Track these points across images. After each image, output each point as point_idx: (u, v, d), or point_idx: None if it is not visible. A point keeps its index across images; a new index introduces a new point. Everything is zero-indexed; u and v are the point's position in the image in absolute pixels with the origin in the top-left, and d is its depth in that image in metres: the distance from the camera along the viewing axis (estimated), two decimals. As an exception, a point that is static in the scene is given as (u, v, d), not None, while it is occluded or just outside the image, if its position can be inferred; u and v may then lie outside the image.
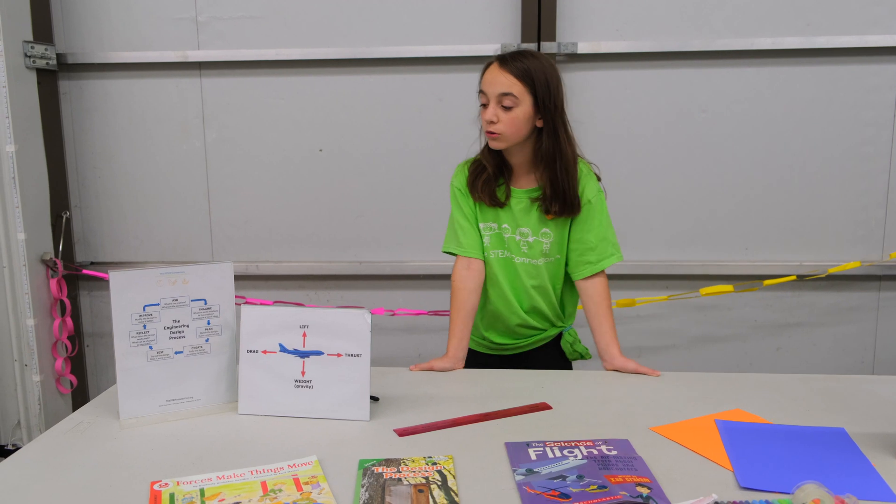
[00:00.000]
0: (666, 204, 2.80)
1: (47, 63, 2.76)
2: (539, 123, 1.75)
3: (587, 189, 1.82)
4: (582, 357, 1.98)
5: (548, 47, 2.66)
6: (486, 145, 1.82)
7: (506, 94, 1.70)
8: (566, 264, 1.90)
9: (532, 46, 2.66)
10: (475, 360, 1.93)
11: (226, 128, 2.88)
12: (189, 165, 2.92)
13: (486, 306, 1.94)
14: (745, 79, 2.69)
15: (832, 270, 2.68)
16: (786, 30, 2.64)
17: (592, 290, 1.87)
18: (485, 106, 1.74)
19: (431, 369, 1.80)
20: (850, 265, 2.67)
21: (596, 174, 1.87)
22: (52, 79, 2.83)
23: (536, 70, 1.71)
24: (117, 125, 2.91)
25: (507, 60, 1.72)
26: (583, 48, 2.68)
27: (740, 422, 1.46)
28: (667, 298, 2.75)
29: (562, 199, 1.78)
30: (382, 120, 2.81)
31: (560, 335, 1.99)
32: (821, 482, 1.10)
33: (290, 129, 2.87)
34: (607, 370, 1.81)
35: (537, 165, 1.80)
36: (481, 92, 1.75)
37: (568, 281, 1.94)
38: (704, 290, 2.63)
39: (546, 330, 1.96)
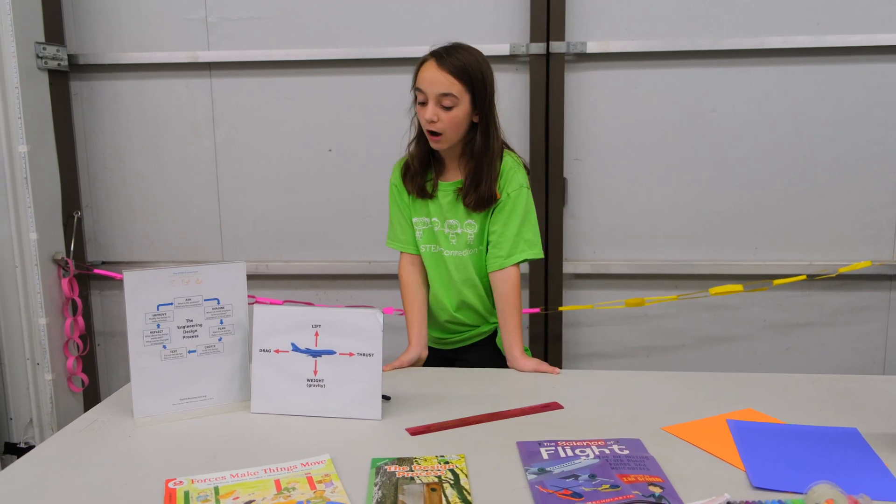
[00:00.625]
0: (675, 203, 2.79)
1: (59, 64, 2.77)
2: (475, 119, 1.78)
3: (509, 183, 1.83)
4: None
5: (557, 47, 2.66)
6: (416, 139, 1.87)
7: (446, 95, 1.71)
8: None
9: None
10: None
11: (235, 128, 2.89)
12: (199, 165, 2.93)
13: (430, 297, 1.98)
14: (754, 78, 2.69)
15: (842, 270, 2.68)
16: (795, 29, 2.64)
17: (501, 286, 1.87)
18: (422, 104, 1.75)
19: (402, 365, 1.84)
20: (860, 265, 2.66)
21: (525, 167, 1.90)
22: (64, 80, 2.85)
23: (473, 67, 1.73)
24: (128, 125, 2.92)
25: (443, 58, 1.72)
26: (592, 48, 2.68)
27: (752, 421, 1.47)
28: (676, 298, 2.74)
29: (476, 191, 1.80)
30: (391, 120, 2.80)
31: (496, 332, 1.99)
32: (834, 482, 1.10)
33: (300, 129, 2.87)
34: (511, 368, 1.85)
35: (466, 159, 1.84)
36: (418, 89, 1.75)
37: None
38: (714, 290, 2.63)
39: (479, 326, 1.98)
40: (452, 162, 1.86)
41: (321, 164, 2.88)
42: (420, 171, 1.87)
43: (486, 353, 1.99)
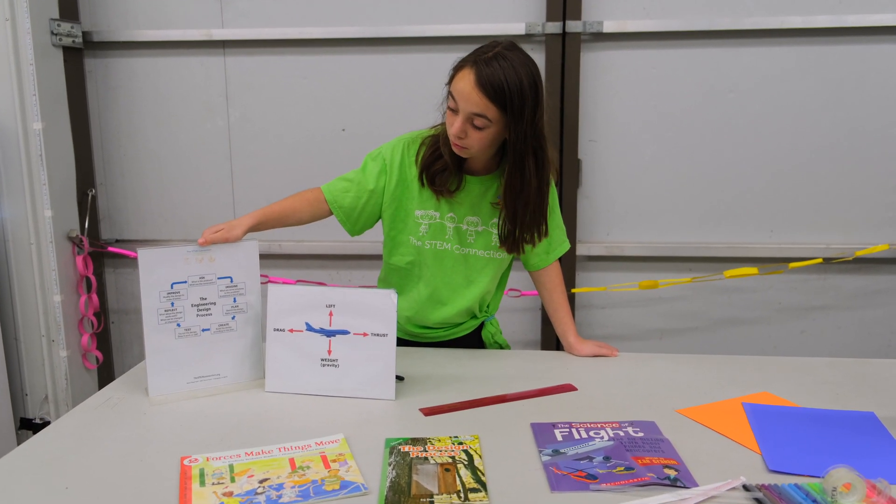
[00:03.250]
0: (691, 185, 2.77)
1: (73, 41, 2.76)
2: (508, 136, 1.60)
3: None
4: (501, 348, 1.92)
5: (573, 26, 2.63)
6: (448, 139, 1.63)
7: (478, 115, 1.53)
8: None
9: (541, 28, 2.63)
10: None
11: (249, 107, 2.88)
12: (212, 144, 2.93)
13: (410, 297, 1.81)
14: (773, 58, 2.65)
15: (860, 253, 2.65)
16: (816, 8, 2.59)
17: (546, 280, 1.85)
18: (453, 111, 1.56)
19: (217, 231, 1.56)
20: (878, 248, 2.64)
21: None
22: (78, 57, 2.84)
23: (513, 87, 1.50)
24: (142, 103, 2.91)
25: (482, 74, 1.50)
26: (608, 27, 2.64)
27: (768, 405, 1.46)
28: (691, 280, 2.73)
29: (512, 237, 1.68)
30: (405, 99, 2.80)
31: (481, 325, 1.91)
32: (851, 466, 1.09)
33: (313, 108, 2.86)
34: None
35: (499, 158, 1.69)
36: (450, 93, 1.56)
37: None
38: (729, 273, 2.61)
39: (465, 322, 1.87)
40: (480, 158, 1.68)
41: (335, 144, 2.87)
42: (455, 169, 1.67)
43: (470, 347, 1.88)
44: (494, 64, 1.51)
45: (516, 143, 1.57)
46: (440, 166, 1.68)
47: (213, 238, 1.55)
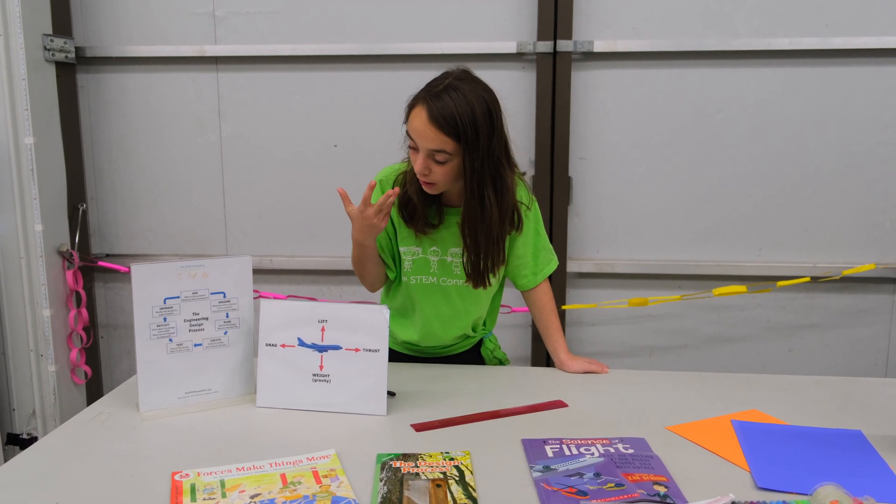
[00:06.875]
0: (680, 204, 2.79)
1: (66, 56, 2.77)
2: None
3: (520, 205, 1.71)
4: (501, 363, 1.94)
5: (564, 45, 2.66)
6: (414, 177, 1.66)
7: (438, 151, 1.55)
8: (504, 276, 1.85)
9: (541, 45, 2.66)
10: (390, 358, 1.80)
11: (241, 122, 2.89)
12: (204, 159, 2.93)
13: (405, 326, 1.85)
14: (761, 79, 2.68)
15: (847, 272, 2.67)
16: (804, 30, 2.63)
17: (536, 298, 1.86)
18: (414, 150, 1.60)
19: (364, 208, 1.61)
20: (864, 267, 2.66)
21: (524, 182, 1.76)
22: (71, 72, 2.85)
23: (465, 119, 1.51)
24: (134, 119, 2.92)
25: (433, 109, 1.52)
26: (599, 47, 2.68)
27: (757, 422, 1.47)
28: (679, 298, 2.74)
29: (477, 271, 1.66)
30: (397, 116, 2.78)
31: (480, 342, 1.93)
32: (839, 483, 1.10)
33: (305, 124, 2.87)
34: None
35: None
36: (408, 133, 1.61)
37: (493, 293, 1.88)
38: (717, 291, 2.63)
39: (461, 342, 1.89)
40: (455, 187, 1.68)
41: (326, 160, 2.89)
42: (423, 208, 1.69)
43: (469, 363, 1.91)
44: (445, 97, 1.52)
45: (473, 173, 1.56)
46: (412, 205, 1.69)
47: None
